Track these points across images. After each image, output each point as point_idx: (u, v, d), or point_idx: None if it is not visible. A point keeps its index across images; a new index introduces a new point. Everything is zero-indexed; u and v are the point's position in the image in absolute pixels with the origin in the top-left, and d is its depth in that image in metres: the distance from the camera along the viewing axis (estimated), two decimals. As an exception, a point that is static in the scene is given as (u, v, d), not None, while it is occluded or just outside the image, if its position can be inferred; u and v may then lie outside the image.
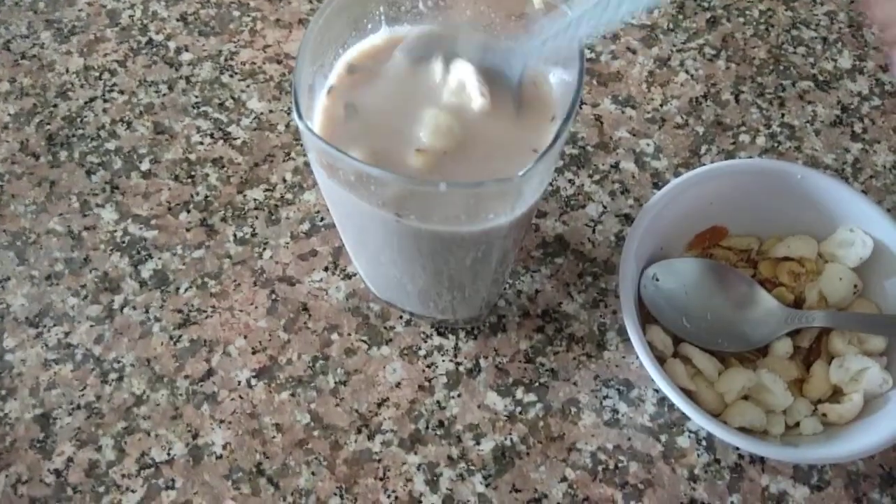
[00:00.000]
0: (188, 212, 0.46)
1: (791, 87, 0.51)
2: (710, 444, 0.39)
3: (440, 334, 0.42)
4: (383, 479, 0.38)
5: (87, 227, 0.45)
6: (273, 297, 0.43)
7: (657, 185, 0.47)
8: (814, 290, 0.40)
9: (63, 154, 0.48)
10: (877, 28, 0.25)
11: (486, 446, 0.39)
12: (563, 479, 0.38)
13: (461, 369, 0.41)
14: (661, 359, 0.38)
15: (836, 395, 0.38)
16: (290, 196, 0.46)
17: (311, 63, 0.31)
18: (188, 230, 0.45)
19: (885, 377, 0.37)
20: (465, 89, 0.32)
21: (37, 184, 0.47)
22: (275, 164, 0.48)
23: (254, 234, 0.45)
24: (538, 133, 0.32)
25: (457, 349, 0.42)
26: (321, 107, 0.33)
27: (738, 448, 0.39)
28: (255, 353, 0.41)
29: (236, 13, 0.54)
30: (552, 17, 0.30)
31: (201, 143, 0.48)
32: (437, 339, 0.42)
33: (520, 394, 0.40)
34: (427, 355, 0.42)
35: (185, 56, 0.52)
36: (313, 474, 0.38)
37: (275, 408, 0.40)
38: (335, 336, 0.42)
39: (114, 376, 0.41)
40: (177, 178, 0.47)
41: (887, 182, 0.48)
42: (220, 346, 0.42)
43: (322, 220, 0.46)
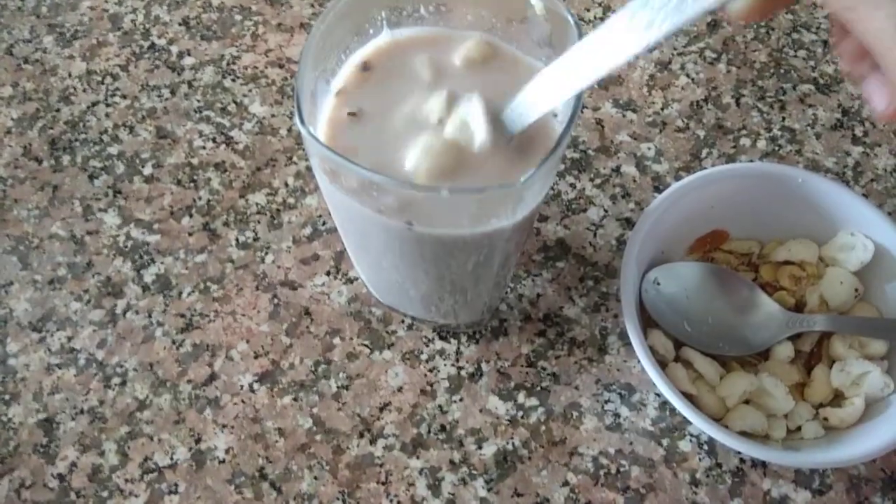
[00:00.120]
0: (190, 216, 0.46)
1: (792, 90, 0.51)
2: (712, 448, 0.39)
3: (442, 338, 0.42)
4: (385, 483, 0.38)
5: (89, 232, 0.45)
6: (275, 301, 0.43)
7: (658, 189, 0.47)
8: (815, 294, 0.40)
9: (66, 158, 0.48)
10: (843, 64, 0.26)
11: (488, 450, 0.39)
12: (565, 484, 0.38)
13: (463, 373, 0.41)
14: (662, 363, 0.38)
15: (838, 399, 0.39)
16: (292, 200, 0.47)
17: (314, 68, 0.31)
18: (190, 234, 0.45)
19: (886, 381, 0.37)
20: (470, 125, 0.31)
21: (39, 188, 0.47)
22: (277, 169, 0.48)
23: (256, 239, 0.45)
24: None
25: (458, 353, 0.42)
26: (326, 110, 0.33)
27: (739, 452, 0.39)
28: (257, 357, 0.41)
29: (238, 17, 0.54)
30: None
31: (203, 148, 0.49)
32: (438, 344, 0.42)
33: (521, 398, 0.41)
34: (429, 359, 0.42)
35: (188, 60, 0.52)
36: (315, 479, 0.38)
37: (277, 412, 0.40)
38: (337, 340, 0.42)
39: (117, 381, 0.41)
40: (179, 182, 0.47)
41: (888, 186, 0.48)
42: (223, 351, 0.42)
43: (324, 224, 0.46)
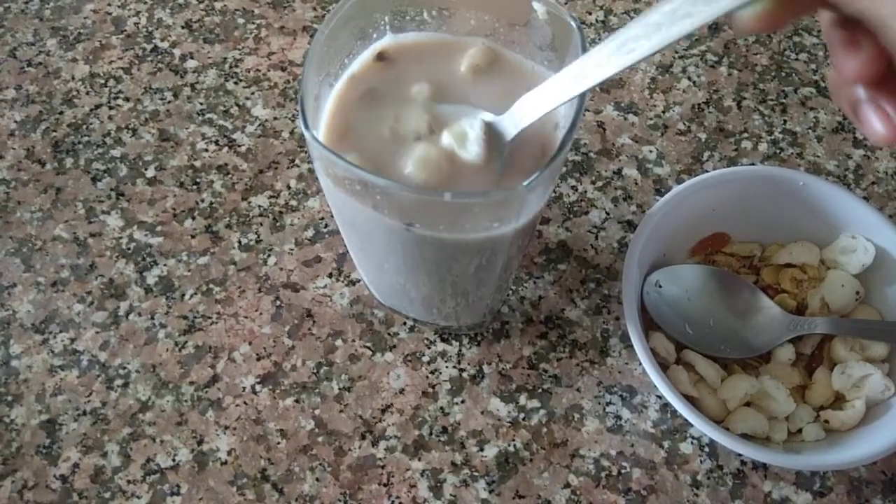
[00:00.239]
0: (193, 218, 0.46)
1: (793, 93, 0.52)
2: (713, 450, 0.39)
3: (444, 340, 0.42)
4: (387, 485, 0.38)
5: (92, 234, 0.46)
6: (277, 303, 0.43)
7: (660, 192, 0.47)
8: (816, 297, 0.40)
9: (69, 161, 0.48)
10: (839, 98, 0.25)
11: (490, 452, 0.39)
12: (567, 486, 0.38)
13: (465, 375, 0.41)
14: (663, 365, 0.39)
15: (839, 401, 0.39)
16: (294, 203, 0.47)
17: (318, 73, 0.31)
18: (193, 237, 0.45)
19: (887, 384, 0.37)
20: (467, 139, 0.31)
21: (42, 191, 0.47)
22: (279, 171, 0.48)
23: (258, 241, 0.45)
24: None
25: (460, 355, 0.42)
26: (328, 112, 0.33)
27: (740, 454, 0.39)
28: (259, 359, 0.42)
29: (241, 20, 0.55)
30: None
31: (206, 150, 0.49)
32: (440, 346, 0.42)
33: (523, 400, 0.41)
34: (431, 361, 0.42)
35: (190, 63, 0.52)
36: (317, 480, 0.38)
37: (279, 414, 0.40)
38: (339, 342, 0.42)
39: (119, 382, 0.41)
40: (182, 184, 0.47)
41: (889, 188, 0.48)
42: (225, 353, 0.42)
43: (326, 226, 0.46)
